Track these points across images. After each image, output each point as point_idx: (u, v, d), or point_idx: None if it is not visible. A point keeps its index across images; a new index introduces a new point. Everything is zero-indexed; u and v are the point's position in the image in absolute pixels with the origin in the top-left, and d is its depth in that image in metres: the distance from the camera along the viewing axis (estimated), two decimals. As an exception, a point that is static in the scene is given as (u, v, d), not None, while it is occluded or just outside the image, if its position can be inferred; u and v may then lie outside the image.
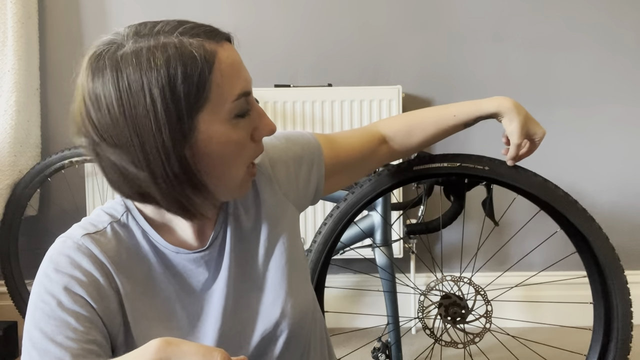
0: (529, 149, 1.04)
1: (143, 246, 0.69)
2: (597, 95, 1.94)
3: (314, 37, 1.95)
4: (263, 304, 0.74)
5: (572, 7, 1.92)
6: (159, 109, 0.57)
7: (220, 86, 0.61)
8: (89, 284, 0.63)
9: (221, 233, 0.74)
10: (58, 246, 0.66)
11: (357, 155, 0.91)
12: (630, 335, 1.12)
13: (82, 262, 0.64)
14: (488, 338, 1.34)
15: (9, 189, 1.81)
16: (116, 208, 0.71)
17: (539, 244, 1.70)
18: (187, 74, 0.58)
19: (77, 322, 0.61)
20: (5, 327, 1.73)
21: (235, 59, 0.64)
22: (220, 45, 0.63)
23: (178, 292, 0.70)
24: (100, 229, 0.68)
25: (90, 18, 1.97)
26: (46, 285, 0.62)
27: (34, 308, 0.62)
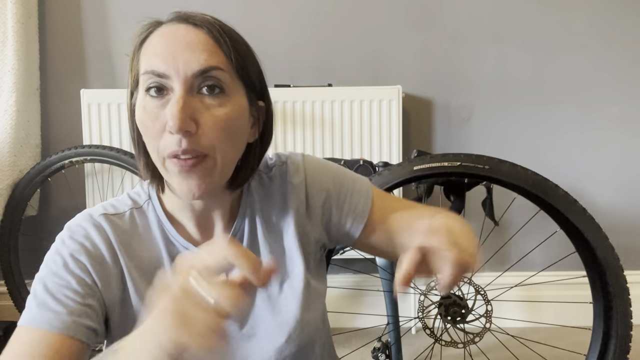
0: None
1: (156, 235, 0.71)
2: (596, 95, 1.95)
3: (314, 37, 1.95)
4: (271, 323, 0.72)
5: (571, 8, 1.92)
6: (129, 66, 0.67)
7: (142, 60, 0.64)
8: (94, 256, 0.67)
9: (238, 236, 0.73)
10: (78, 217, 0.70)
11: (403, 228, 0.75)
12: (630, 335, 1.12)
13: (93, 236, 0.68)
14: (488, 338, 1.34)
15: (9, 189, 1.81)
16: (140, 195, 0.74)
17: (539, 244, 1.70)
18: (136, 42, 0.66)
19: (78, 284, 0.65)
20: (5, 327, 1.73)
21: (165, 38, 0.63)
22: (167, 25, 0.65)
23: None
24: (120, 212, 0.71)
25: (90, 18, 1.97)
26: (58, 247, 0.67)
27: (44, 265, 0.67)
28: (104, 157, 1.74)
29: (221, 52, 0.63)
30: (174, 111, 0.59)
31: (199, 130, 0.61)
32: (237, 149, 0.67)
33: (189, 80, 0.61)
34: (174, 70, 0.61)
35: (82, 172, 1.90)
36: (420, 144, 1.96)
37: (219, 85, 0.62)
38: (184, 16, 0.65)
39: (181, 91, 0.61)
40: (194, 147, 0.61)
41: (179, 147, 0.60)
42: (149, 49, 0.64)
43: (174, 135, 0.60)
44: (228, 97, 0.63)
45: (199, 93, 0.62)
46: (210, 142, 0.62)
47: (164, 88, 0.62)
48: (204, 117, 0.61)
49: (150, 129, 0.62)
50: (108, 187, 1.88)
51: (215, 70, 0.62)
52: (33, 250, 1.96)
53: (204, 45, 0.62)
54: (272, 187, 0.75)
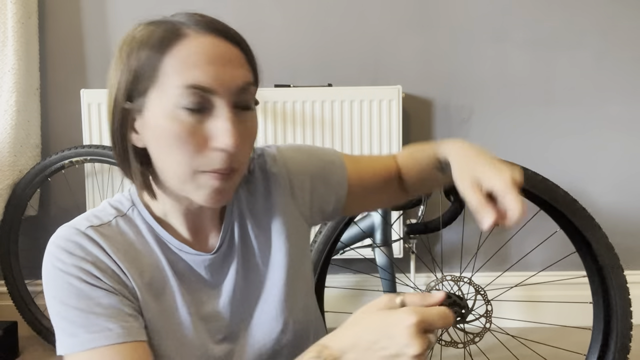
0: (508, 206, 0.63)
1: (149, 241, 0.69)
2: (596, 95, 1.95)
3: (314, 37, 1.95)
4: (266, 315, 0.73)
5: (572, 7, 1.92)
6: (122, 71, 0.64)
7: (171, 70, 0.61)
8: (100, 266, 0.64)
9: (227, 240, 0.73)
10: (63, 234, 0.66)
11: (379, 182, 0.85)
12: (630, 335, 1.12)
13: (91, 249, 0.64)
14: (488, 338, 1.34)
15: (9, 189, 1.81)
16: (123, 202, 0.71)
17: (539, 244, 1.70)
18: (140, 51, 0.62)
19: (105, 294, 0.63)
20: (5, 327, 1.73)
21: (206, 50, 0.61)
22: (199, 34, 0.62)
23: (180, 289, 0.69)
24: (105, 222, 0.68)
25: (90, 18, 1.97)
26: (63, 269, 0.63)
27: (60, 295, 0.62)
28: (104, 157, 1.74)
29: (251, 69, 0.66)
30: (230, 130, 0.60)
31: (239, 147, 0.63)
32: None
33: (233, 96, 0.62)
34: (220, 86, 0.61)
35: (82, 172, 1.90)
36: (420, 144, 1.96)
37: (250, 100, 0.65)
38: (214, 28, 0.63)
39: (228, 108, 0.61)
40: (234, 164, 0.63)
41: (227, 164, 0.61)
42: (184, 59, 0.60)
43: (222, 153, 0.61)
44: (253, 110, 0.67)
45: (235, 108, 0.63)
46: (244, 157, 0.65)
47: (206, 102, 0.61)
48: (243, 134, 0.63)
49: (187, 144, 0.60)
50: (108, 187, 1.88)
51: (251, 87, 0.65)
52: (33, 250, 1.96)
53: (240, 62, 0.64)
54: (254, 180, 0.77)
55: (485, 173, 0.66)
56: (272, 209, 0.76)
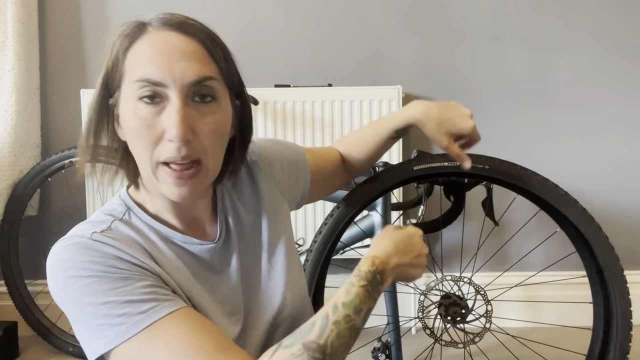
0: (468, 142, 1.01)
1: (153, 239, 0.70)
2: (596, 95, 1.95)
3: (313, 37, 1.95)
4: (266, 293, 0.78)
5: (572, 7, 1.92)
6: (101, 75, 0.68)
7: (131, 65, 0.64)
8: (126, 262, 0.62)
9: (225, 228, 0.77)
10: (70, 247, 0.63)
11: (330, 169, 0.99)
12: (630, 335, 1.12)
13: (107, 250, 0.62)
14: (488, 338, 1.34)
15: (9, 189, 1.81)
16: (116, 208, 0.72)
17: (539, 244, 1.70)
18: (114, 48, 0.66)
19: (140, 279, 0.61)
20: (5, 327, 1.73)
21: (159, 45, 0.63)
22: (159, 30, 0.65)
23: (192, 279, 0.71)
24: (106, 228, 0.67)
25: (90, 18, 1.97)
26: (92, 269, 0.60)
27: (90, 297, 0.59)
28: (104, 157, 1.74)
29: (213, 62, 0.66)
30: (175, 121, 0.61)
31: (195, 138, 0.64)
32: (223, 150, 0.71)
33: (185, 89, 0.63)
34: (170, 79, 0.62)
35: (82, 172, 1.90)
36: (420, 144, 1.96)
37: (212, 93, 0.65)
38: (175, 23, 0.65)
39: (179, 101, 0.62)
40: (191, 153, 0.63)
41: (178, 154, 0.62)
42: (140, 55, 0.64)
43: (173, 143, 0.62)
44: (218, 103, 0.67)
45: (193, 101, 0.64)
46: (205, 149, 0.65)
47: (158, 95, 0.63)
48: (200, 125, 0.64)
49: (144, 136, 0.63)
50: (108, 188, 1.88)
51: (209, 80, 0.65)
52: (33, 251, 1.96)
53: (197, 56, 0.64)
54: (239, 172, 0.81)
55: (454, 125, 0.96)
56: (259, 195, 0.82)
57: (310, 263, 1.16)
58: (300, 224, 1.86)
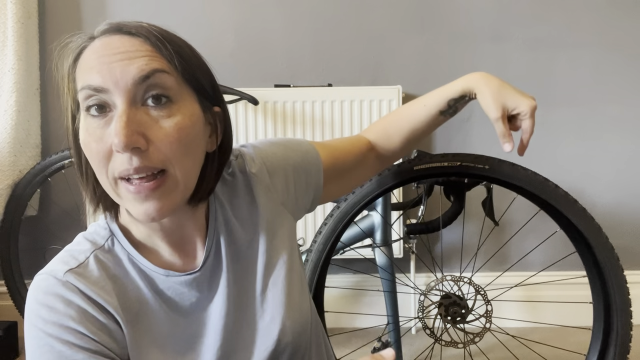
0: (526, 127, 0.89)
1: (130, 272, 0.65)
2: (597, 95, 1.95)
3: (314, 37, 1.95)
4: (262, 320, 0.71)
5: (571, 7, 1.92)
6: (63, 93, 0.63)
7: (78, 76, 0.59)
8: (86, 319, 0.60)
9: (213, 251, 0.70)
10: (42, 285, 0.61)
11: (351, 161, 0.89)
12: (630, 335, 1.12)
13: (73, 299, 0.60)
14: (488, 338, 1.35)
15: (9, 189, 1.81)
16: (99, 233, 0.67)
17: (539, 244, 1.70)
18: (69, 60, 0.60)
19: (90, 356, 0.59)
20: (5, 327, 1.73)
21: (98, 51, 0.57)
22: (103, 37, 0.59)
23: (170, 316, 0.66)
24: (82, 262, 0.63)
25: (90, 18, 1.97)
26: (44, 329, 0.59)
27: (38, 355, 0.58)
28: (104, 157, 1.74)
29: (162, 57, 0.59)
30: (118, 127, 0.54)
31: (150, 146, 0.56)
32: (196, 160, 0.62)
33: (131, 90, 0.56)
34: (111, 82, 0.56)
35: (82, 172, 1.90)
36: (420, 144, 1.96)
37: (165, 93, 0.58)
38: (117, 27, 0.59)
39: (123, 105, 0.55)
40: (147, 163, 0.56)
41: (129, 165, 0.55)
42: (82, 65, 0.58)
43: (123, 155, 0.55)
44: (177, 105, 0.59)
45: (144, 105, 0.57)
46: (165, 157, 0.57)
47: (106, 105, 0.57)
48: (154, 132, 0.57)
49: (95, 152, 0.57)
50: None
51: (158, 74, 0.57)
52: (33, 250, 1.96)
53: (141, 52, 0.57)
54: (235, 183, 0.74)
55: (514, 100, 0.88)
56: (257, 211, 0.73)
57: (310, 263, 1.16)
58: (301, 223, 1.86)
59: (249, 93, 1.68)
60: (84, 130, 0.58)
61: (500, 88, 0.90)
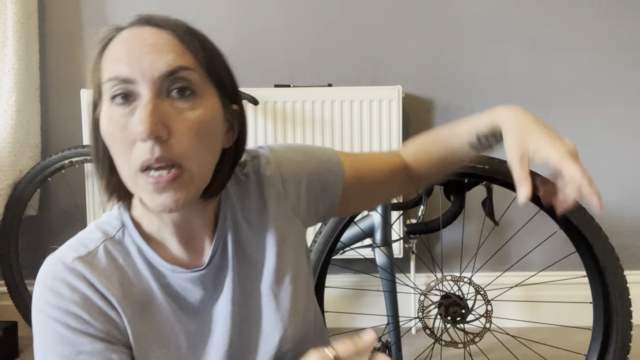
0: (568, 175, 0.73)
1: (138, 264, 0.66)
2: (596, 95, 1.95)
3: (314, 37, 1.95)
4: (265, 323, 0.70)
5: (571, 8, 1.92)
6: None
7: (104, 68, 0.60)
8: (89, 306, 0.61)
9: (220, 249, 0.70)
10: (50, 270, 0.63)
11: (379, 178, 0.83)
12: (630, 335, 1.12)
13: (78, 286, 0.62)
14: (488, 338, 1.34)
15: (9, 189, 1.81)
16: (111, 223, 0.68)
17: (539, 244, 1.70)
18: (95, 51, 0.62)
19: (93, 341, 0.60)
20: (5, 327, 1.73)
21: (128, 42, 0.59)
22: (132, 28, 0.61)
23: (176, 312, 0.67)
24: (92, 250, 0.64)
25: (90, 18, 1.97)
26: (48, 313, 0.61)
27: (44, 339, 0.61)
28: (104, 157, 1.74)
29: (189, 52, 0.60)
30: (142, 116, 0.55)
31: (171, 137, 0.57)
32: (212, 155, 0.63)
33: (157, 82, 0.57)
34: (139, 73, 0.57)
35: (82, 172, 1.90)
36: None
37: (189, 87, 0.59)
38: (146, 19, 0.61)
39: (149, 95, 0.57)
40: (168, 154, 0.57)
41: (151, 155, 0.56)
42: (110, 55, 0.60)
43: (146, 144, 0.56)
44: (200, 99, 0.60)
45: (168, 97, 0.58)
46: (185, 150, 0.58)
47: (131, 94, 0.58)
48: (176, 122, 0.58)
49: (119, 140, 0.58)
50: (108, 187, 1.88)
51: (184, 71, 0.59)
52: (33, 251, 1.96)
53: (170, 46, 0.59)
54: (248, 183, 0.74)
55: (539, 144, 0.71)
56: (267, 214, 0.73)
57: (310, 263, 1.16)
58: (300, 224, 1.86)
59: (249, 93, 1.68)
60: (107, 119, 0.59)
61: (527, 127, 0.75)
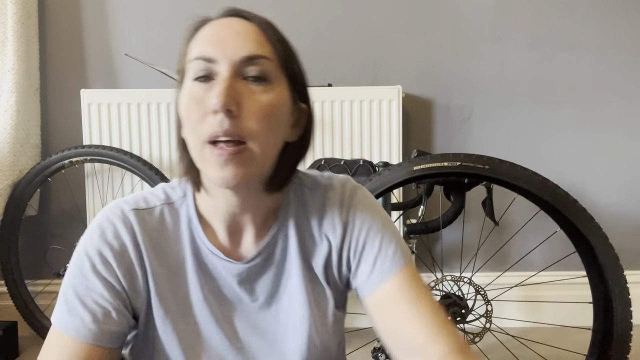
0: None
1: (183, 235, 0.70)
2: (596, 95, 1.95)
3: (314, 37, 1.95)
4: (288, 341, 0.71)
5: (571, 7, 1.92)
6: None
7: (191, 50, 0.65)
8: (121, 257, 0.67)
9: (266, 252, 0.71)
10: (108, 211, 0.70)
11: (400, 320, 0.70)
12: (630, 335, 1.12)
13: (122, 235, 0.68)
14: (488, 338, 1.34)
15: (9, 189, 1.81)
16: (176, 190, 0.73)
17: (539, 244, 1.70)
18: (186, 37, 0.68)
19: (105, 288, 0.66)
20: (5, 327, 1.73)
21: (217, 27, 0.65)
22: (222, 18, 0.67)
23: (203, 289, 0.70)
24: (151, 207, 0.71)
25: (90, 18, 1.97)
26: (87, 246, 0.67)
27: (73, 264, 0.68)
28: (104, 157, 1.74)
29: (269, 44, 0.66)
30: (219, 89, 0.60)
31: (241, 114, 0.61)
32: (276, 140, 0.66)
33: (236, 65, 0.62)
34: (221, 54, 0.62)
35: (82, 172, 1.91)
36: (420, 144, 1.96)
37: (264, 73, 0.64)
38: (235, 11, 0.68)
39: (227, 73, 0.62)
40: (236, 130, 0.60)
41: (220, 127, 0.60)
42: (198, 39, 0.65)
43: (216, 116, 0.60)
44: (272, 86, 0.64)
45: (244, 79, 0.63)
46: (251, 128, 0.61)
47: (211, 75, 0.63)
48: (248, 102, 0.62)
49: (193, 112, 0.62)
50: (108, 187, 1.88)
51: (262, 59, 0.64)
52: (33, 251, 1.96)
53: (253, 36, 0.65)
54: (311, 205, 0.74)
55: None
56: (318, 245, 0.73)
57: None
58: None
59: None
60: (185, 94, 0.64)
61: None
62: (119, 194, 1.87)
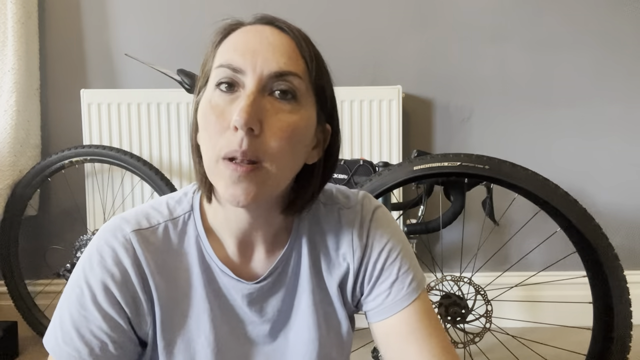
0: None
1: (191, 253, 0.67)
2: (597, 95, 1.95)
3: (313, 37, 1.95)
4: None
5: (572, 7, 1.92)
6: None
7: (219, 56, 0.62)
8: (124, 285, 0.63)
9: (278, 272, 0.69)
10: (107, 234, 0.65)
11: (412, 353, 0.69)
12: (630, 335, 1.12)
13: (123, 260, 0.64)
14: (488, 338, 1.34)
15: (9, 189, 1.81)
16: (182, 204, 0.69)
17: (539, 244, 1.70)
18: (214, 40, 0.64)
19: (104, 320, 0.62)
20: (5, 327, 1.73)
21: (248, 35, 0.61)
22: (251, 25, 0.63)
23: (214, 309, 0.67)
24: (153, 225, 0.67)
25: (90, 18, 1.97)
26: (87, 274, 0.64)
27: (71, 289, 0.64)
28: (104, 157, 1.74)
29: (302, 60, 0.62)
30: (243, 105, 0.56)
31: (262, 133, 0.57)
32: (295, 163, 0.62)
33: (264, 79, 0.58)
34: (250, 66, 0.58)
35: (82, 172, 1.90)
36: (420, 144, 1.96)
37: (293, 92, 0.60)
38: (270, 19, 0.63)
39: (254, 88, 0.58)
40: (254, 151, 0.57)
41: (239, 147, 0.56)
42: (228, 44, 0.61)
43: (237, 134, 0.56)
44: (299, 105, 0.61)
45: (270, 95, 0.59)
46: (271, 148, 0.58)
47: (236, 85, 0.59)
48: (271, 120, 0.58)
49: (212, 124, 0.58)
50: (108, 187, 1.88)
51: (292, 76, 0.60)
52: (33, 251, 1.96)
53: (286, 49, 0.61)
54: (326, 222, 0.72)
55: None
56: (333, 264, 0.71)
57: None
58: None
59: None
60: (206, 102, 0.60)
61: None
62: (119, 194, 1.87)
